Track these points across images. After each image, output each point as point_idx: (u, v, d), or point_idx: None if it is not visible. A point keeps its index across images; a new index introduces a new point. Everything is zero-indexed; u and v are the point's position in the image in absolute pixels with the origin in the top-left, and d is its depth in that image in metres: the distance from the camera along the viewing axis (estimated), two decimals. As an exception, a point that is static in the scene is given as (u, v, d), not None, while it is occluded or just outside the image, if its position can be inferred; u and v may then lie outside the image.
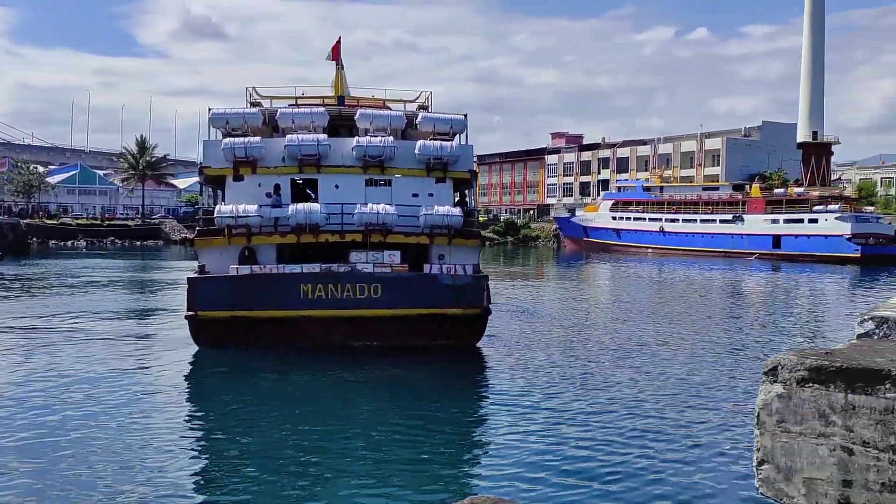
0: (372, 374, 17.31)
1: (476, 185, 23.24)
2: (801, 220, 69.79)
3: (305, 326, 19.21)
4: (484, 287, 20.17)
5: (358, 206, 19.84)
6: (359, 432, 12.80)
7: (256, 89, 23.83)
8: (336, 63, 24.53)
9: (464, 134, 21.90)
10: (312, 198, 20.92)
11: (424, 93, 24.00)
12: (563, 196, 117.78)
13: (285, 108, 22.21)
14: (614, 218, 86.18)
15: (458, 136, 21.75)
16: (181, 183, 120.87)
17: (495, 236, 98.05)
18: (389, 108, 23.14)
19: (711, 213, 77.20)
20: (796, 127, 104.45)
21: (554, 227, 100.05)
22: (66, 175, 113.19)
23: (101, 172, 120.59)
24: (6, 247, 62.98)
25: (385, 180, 20.88)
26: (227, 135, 21.09)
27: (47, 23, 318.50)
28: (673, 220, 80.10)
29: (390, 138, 20.73)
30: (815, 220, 68.75)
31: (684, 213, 79.59)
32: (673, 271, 54.82)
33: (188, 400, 15.49)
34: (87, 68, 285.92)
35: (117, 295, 34.86)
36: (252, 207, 19.70)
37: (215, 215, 20.05)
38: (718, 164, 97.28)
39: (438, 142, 20.92)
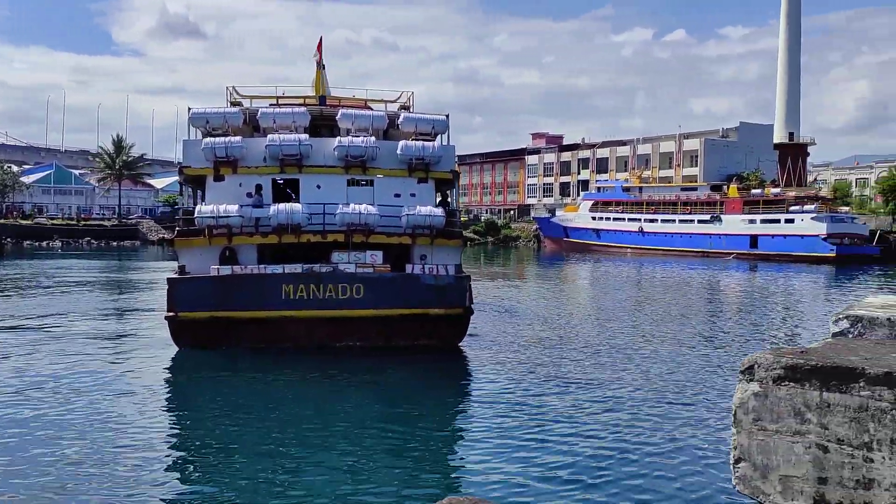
0: (354, 375, 17.25)
1: (458, 185, 23.24)
2: (778, 221, 70.61)
3: (287, 327, 19.10)
4: (466, 287, 20.18)
5: (340, 206, 19.77)
6: (340, 433, 12.76)
7: (236, 89, 23.68)
8: (317, 63, 24.44)
9: (446, 134, 21.91)
10: (294, 198, 20.82)
11: (406, 93, 24.00)
12: (544, 196, 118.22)
13: (266, 107, 22.09)
14: (594, 218, 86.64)
15: (440, 136, 21.75)
16: (158, 183, 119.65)
17: (476, 236, 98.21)
18: (371, 109, 23.10)
19: (690, 213, 77.87)
20: (773, 128, 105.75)
21: (534, 227, 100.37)
22: (42, 175, 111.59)
23: (76, 172, 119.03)
24: (-21, 248, 61.91)
25: (367, 180, 20.82)
26: (208, 134, 20.91)
27: (22, 20, 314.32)
28: (652, 221, 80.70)
29: (372, 138, 20.68)
30: (791, 221, 69.60)
31: (663, 213, 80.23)
32: (652, 271, 55.22)
33: (168, 401, 15.33)
34: (63, 67, 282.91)
35: (95, 296, 34.42)
36: (233, 207, 19.55)
37: (196, 215, 19.88)
38: (697, 165, 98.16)
39: (420, 142, 20.90)
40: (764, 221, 71.49)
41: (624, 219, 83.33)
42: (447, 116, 22.00)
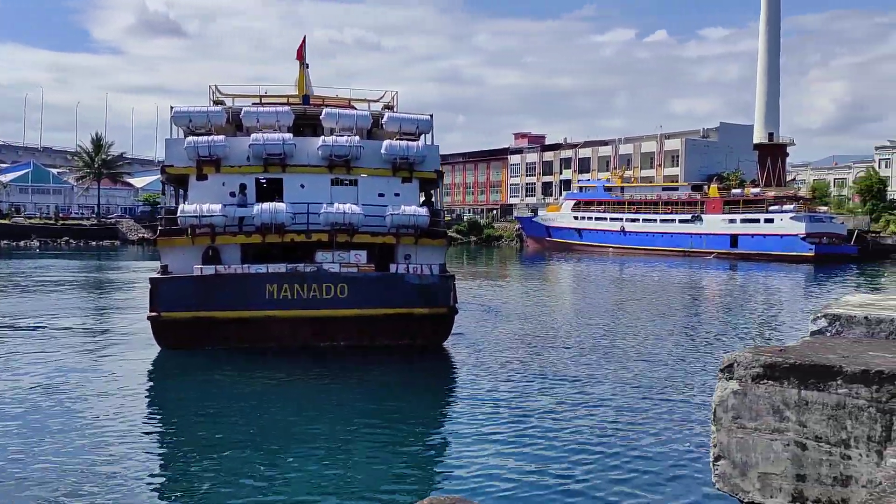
0: (338, 375, 17.25)
1: (442, 185, 23.29)
2: (758, 220, 71.31)
3: (271, 327, 19.05)
4: (451, 287, 20.23)
5: (324, 205, 19.74)
6: (324, 433, 12.77)
7: (219, 88, 23.56)
8: (300, 62, 24.38)
9: (430, 134, 21.94)
10: (276, 197, 20.77)
11: (390, 92, 23.99)
12: (526, 196, 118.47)
13: (250, 106, 22.00)
14: (576, 218, 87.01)
15: (424, 136, 21.78)
16: (138, 182, 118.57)
17: (458, 236, 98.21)
18: (355, 108, 23.08)
19: (671, 212, 78.44)
20: (753, 128, 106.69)
21: (517, 226, 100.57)
22: (19, 173, 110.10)
23: (55, 171, 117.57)
24: (-44, 247, 61.04)
25: (351, 180, 20.82)
26: (191, 133, 20.80)
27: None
28: (633, 220, 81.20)
29: (356, 138, 20.67)
30: (770, 220, 70.31)
31: (644, 212, 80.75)
32: (634, 271, 55.57)
33: (150, 403, 15.24)
34: (40, 64, 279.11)
35: (74, 296, 34.09)
36: (216, 207, 19.47)
37: (178, 215, 19.77)
38: (678, 165, 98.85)
39: (405, 142, 20.93)
40: (744, 221, 72.17)
41: (606, 218, 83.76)
42: (431, 116, 22.05)
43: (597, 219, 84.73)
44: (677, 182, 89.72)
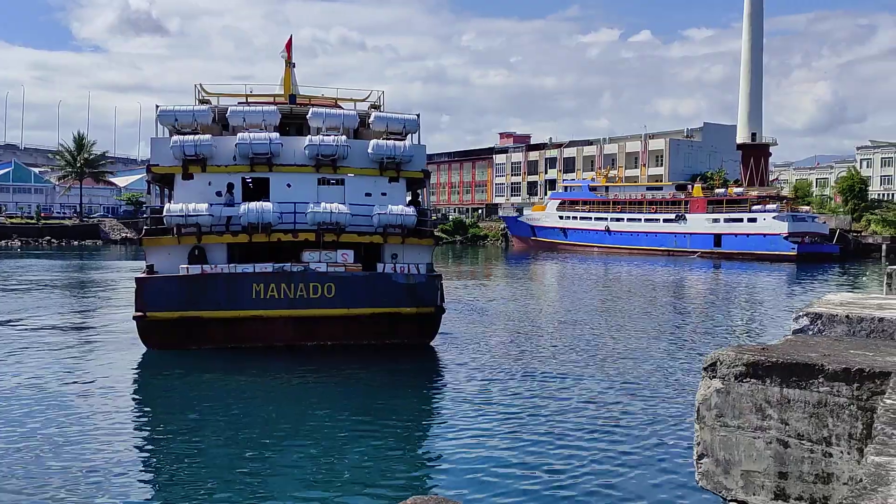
0: (325, 374, 17.25)
1: (429, 184, 23.32)
2: (741, 220, 71.85)
3: (258, 327, 19.01)
4: (438, 286, 20.28)
5: (311, 205, 19.72)
6: (310, 432, 12.77)
7: (204, 87, 23.45)
8: (286, 61, 24.32)
9: (417, 134, 21.96)
10: (263, 197, 20.70)
11: (376, 92, 23.98)
12: (511, 195, 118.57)
13: (235, 106, 21.92)
14: (561, 217, 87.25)
15: (410, 135, 21.80)
16: (121, 181, 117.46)
17: (444, 235, 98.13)
18: (341, 108, 23.06)
19: (655, 212, 78.84)
20: (736, 128, 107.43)
21: (502, 226, 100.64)
22: (0, 172, 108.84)
23: (36, 170, 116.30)
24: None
25: (337, 179, 20.81)
26: (176, 132, 20.71)
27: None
28: (618, 220, 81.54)
29: (343, 137, 20.66)
30: (753, 220, 70.87)
31: (629, 212, 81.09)
32: (618, 270, 55.82)
33: (136, 403, 15.19)
34: (22, 62, 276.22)
35: (57, 296, 33.79)
36: (202, 206, 19.40)
37: (164, 214, 19.68)
38: (662, 165, 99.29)
39: (392, 141, 20.94)
40: (727, 220, 72.69)
41: (591, 218, 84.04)
42: (418, 116, 22.07)
43: (581, 218, 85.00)
44: (661, 182, 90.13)
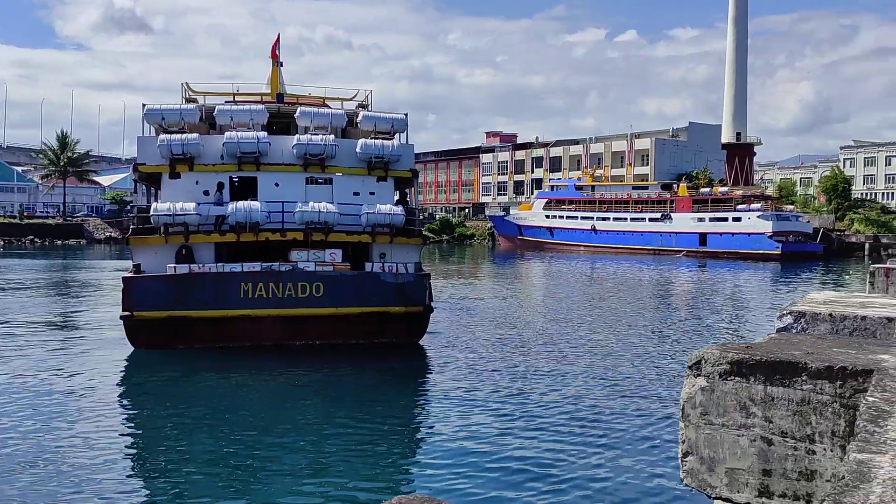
0: (314, 374, 17.26)
1: (417, 183, 23.39)
2: (726, 219, 72.41)
3: (245, 326, 19.00)
4: (426, 285, 20.34)
5: (299, 204, 19.73)
6: (298, 432, 12.77)
7: (191, 85, 23.38)
8: (274, 60, 24.28)
9: (404, 133, 22.00)
10: (250, 196, 20.67)
11: (364, 91, 24.00)
12: (498, 195, 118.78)
13: (223, 104, 21.87)
14: (547, 216, 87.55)
15: (398, 135, 21.83)
16: (105, 180, 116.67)
17: (431, 235, 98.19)
18: (329, 107, 23.06)
19: (641, 211, 79.29)
20: (721, 128, 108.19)
21: (489, 225, 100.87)
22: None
23: (19, 169, 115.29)
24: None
25: (325, 179, 20.82)
26: (163, 131, 20.64)
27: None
28: (604, 219, 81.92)
29: (331, 136, 20.66)
30: (738, 219, 71.45)
31: (615, 211, 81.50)
32: (604, 269, 56.09)
33: (124, 403, 15.12)
34: (4, 60, 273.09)
35: (42, 296, 33.55)
36: (190, 205, 19.35)
37: (151, 213, 19.62)
38: (648, 164, 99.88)
39: (380, 141, 20.97)
40: (712, 220, 73.24)
41: (577, 217, 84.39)
42: (406, 115, 22.11)
43: (568, 217, 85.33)
44: (647, 181, 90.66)
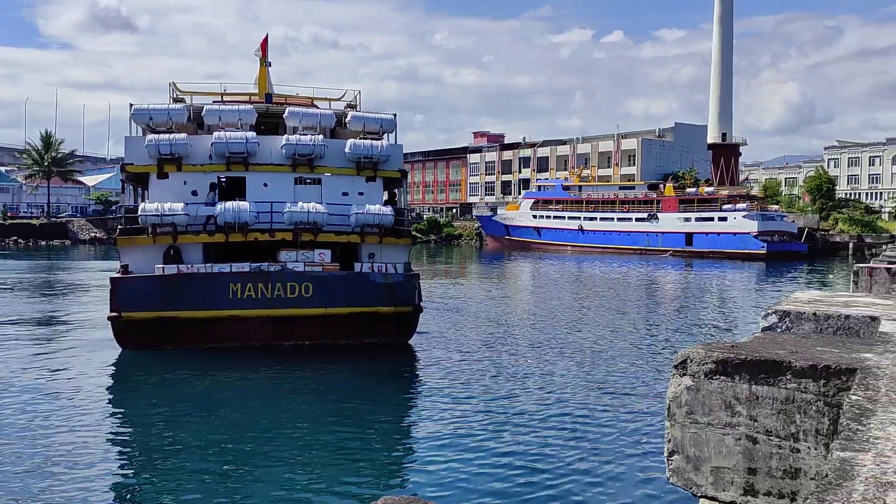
0: (303, 374, 17.26)
1: (406, 184, 23.42)
2: (712, 219, 72.82)
3: (234, 327, 18.97)
4: (415, 285, 20.38)
5: (288, 204, 19.72)
6: (288, 432, 12.77)
7: (178, 85, 23.30)
8: (262, 60, 24.22)
9: (393, 133, 22.03)
10: (239, 197, 20.63)
11: (352, 91, 24.01)
12: (485, 195, 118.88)
13: (211, 104, 21.81)
14: (535, 216, 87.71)
15: (387, 135, 21.86)
16: (90, 180, 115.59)
17: (418, 235, 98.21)
18: (317, 107, 23.06)
19: (628, 211, 79.61)
20: (707, 128, 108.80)
21: (476, 225, 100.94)
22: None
23: (2, 169, 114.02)
24: None
25: (314, 179, 20.82)
26: (151, 131, 20.58)
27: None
28: (591, 219, 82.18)
29: (320, 137, 20.67)
30: (724, 219, 71.88)
31: (602, 211, 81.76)
32: (591, 268, 56.31)
33: (112, 405, 15.06)
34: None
35: (27, 297, 33.27)
36: (178, 206, 19.30)
37: (139, 213, 19.54)
38: (634, 164, 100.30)
39: (369, 141, 20.99)
40: (698, 219, 73.64)
41: (564, 217, 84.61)
42: (395, 115, 22.14)
43: (555, 217, 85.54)
44: (634, 181, 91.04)
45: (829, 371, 3.40)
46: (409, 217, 24.46)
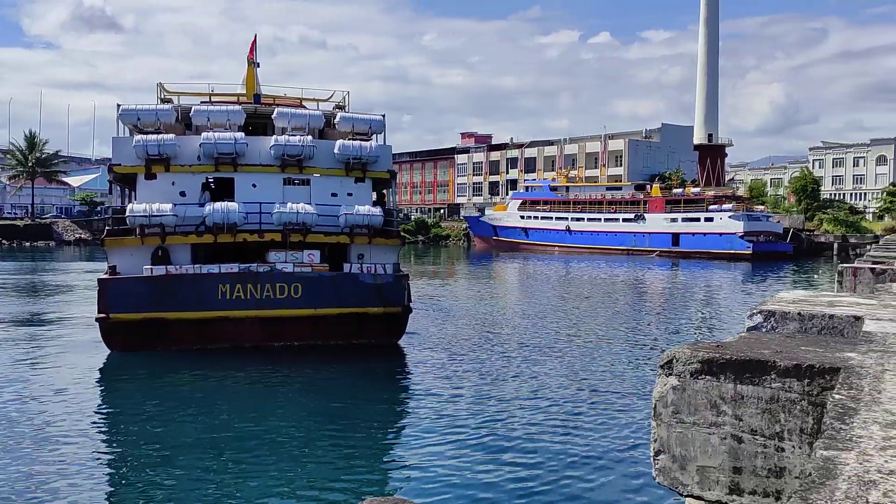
0: (292, 375, 17.25)
1: (395, 184, 23.43)
2: (698, 219, 73.23)
3: (224, 328, 18.92)
4: (405, 286, 20.41)
5: (277, 205, 19.70)
6: (275, 433, 12.77)
7: (165, 85, 23.20)
8: (250, 61, 24.17)
9: (382, 134, 22.05)
10: (227, 197, 20.58)
11: (341, 92, 24.00)
12: (473, 195, 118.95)
13: (199, 105, 21.75)
14: (522, 217, 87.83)
15: (376, 135, 21.88)
16: (75, 181, 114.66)
17: (406, 235, 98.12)
18: (306, 108, 23.04)
19: (615, 212, 79.90)
20: (693, 129, 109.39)
21: (464, 226, 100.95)
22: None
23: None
24: None
25: (303, 180, 20.80)
26: (138, 132, 20.49)
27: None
28: (578, 219, 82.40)
29: (309, 137, 20.66)
30: (710, 219, 72.29)
31: (589, 212, 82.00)
32: (579, 269, 56.49)
33: (100, 407, 14.99)
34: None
35: (11, 299, 33.02)
36: (166, 206, 19.24)
37: (127, 214, 19.46)
38: (621, 165, 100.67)
39: (358, 142, 21.00)
40: (685, 220, 74.02)
41: (551, 218, 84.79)
42: (384, 116, 22.16)
43: (543, 218, 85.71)
44: (621, 182, 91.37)
45: (814, 370, 3.44)
46: (398, 218, 24.46)
